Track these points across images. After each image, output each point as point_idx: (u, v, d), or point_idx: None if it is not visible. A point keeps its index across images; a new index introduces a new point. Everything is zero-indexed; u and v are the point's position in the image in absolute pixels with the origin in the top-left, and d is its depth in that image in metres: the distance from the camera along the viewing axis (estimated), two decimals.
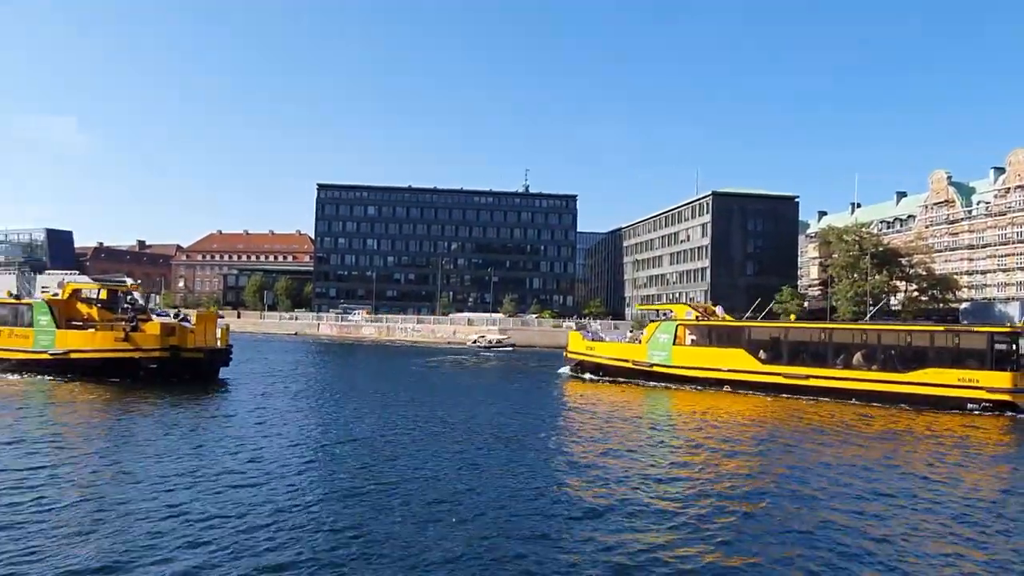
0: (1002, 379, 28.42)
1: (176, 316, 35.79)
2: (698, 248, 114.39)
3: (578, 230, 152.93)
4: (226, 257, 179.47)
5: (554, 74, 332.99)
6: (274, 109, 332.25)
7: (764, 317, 43.09)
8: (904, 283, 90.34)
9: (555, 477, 15.77)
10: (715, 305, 44.17)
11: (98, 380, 30.96)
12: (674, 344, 38.08)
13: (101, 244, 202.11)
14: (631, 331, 45.07)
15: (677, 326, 38.74)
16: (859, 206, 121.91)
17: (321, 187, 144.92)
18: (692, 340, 38.26)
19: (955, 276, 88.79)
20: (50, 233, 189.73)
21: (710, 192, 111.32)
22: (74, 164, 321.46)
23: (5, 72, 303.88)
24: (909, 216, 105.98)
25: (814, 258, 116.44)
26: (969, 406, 28.64)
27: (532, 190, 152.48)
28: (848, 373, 32.29)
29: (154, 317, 36.37)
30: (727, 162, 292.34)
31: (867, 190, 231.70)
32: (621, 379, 39.66)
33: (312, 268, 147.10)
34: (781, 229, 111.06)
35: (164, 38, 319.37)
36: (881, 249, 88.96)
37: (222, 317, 41.00)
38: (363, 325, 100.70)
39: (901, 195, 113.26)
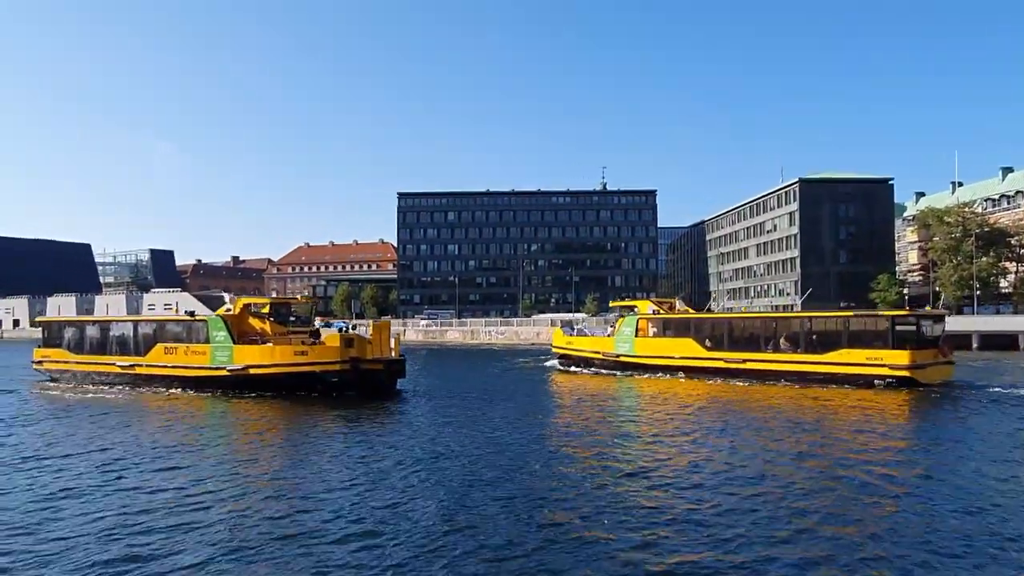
0: (902, 357, 31.31)
1: (349, 327, 34.90)
2: (786, 238, 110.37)
3: (659, 225, 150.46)
4: (314, 268, 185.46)
5: (630, 73, 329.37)
6: (352, 123, 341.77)
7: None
8: (1014, 264, 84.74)
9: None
10: (677, 297, 47.54)
11: (277, 395, 30.26)
12: (636, 336, 41.56)
13: (199, 261, 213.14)
14: (611, 326, 46.33)
15: (638, 320, 41.96)
16: (960, 184, 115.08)
17: (401, 196, 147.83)
18: (654, 332, 41.46)
19: None
20: (154, 253, 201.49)
21: (796, 179, 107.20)
22: (174, 186, 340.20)
23: (113, 98, 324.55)
24: (1017, 192, 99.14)
25: (913, 242, 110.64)
26: (876, 382, 31.67)
27: (610, 187, 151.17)
28: (777, 356, 35.41)
29: (324, 330, 35.93)
30: (814, 147, 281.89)
31: (968, 167, 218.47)
32: (598, 370, 42.98)
33: (396, 275, 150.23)
34: (875, 214, 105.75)
35: (249, 65, 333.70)
36: (987, 229, 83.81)
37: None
38: (448, 330, 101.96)
39: (1007, 171, 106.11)
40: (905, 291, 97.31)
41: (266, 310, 33.68)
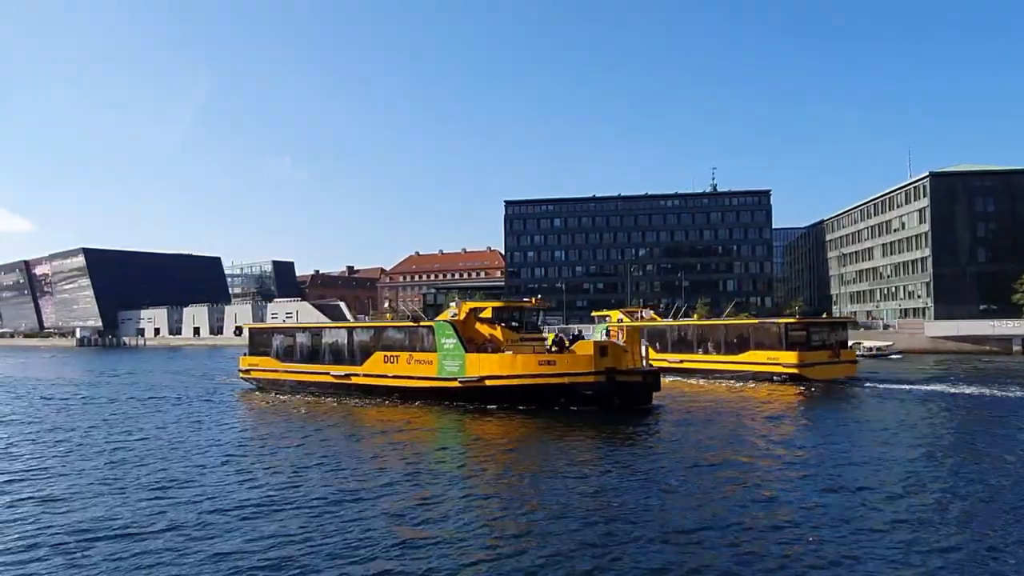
0: (792, 357, 37.69)
1: (579, 334, 32.84)
2: (915, 236, 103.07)
3: (774, 226, 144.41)
4: (424, 277, 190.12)
5: (738, 72, 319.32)
6: (459, 133, 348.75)
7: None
8: None
9: None
10: (654, 308, 54.35)
11: (515, 409, 27.18)
12: None
13: (317, 272, 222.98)
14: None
15: (607, 328, 46.63)
16: None
17: (508, 204, 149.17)
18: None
19: None
20: (276, 265, 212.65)
21: (927, 173, 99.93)
22: (291, 199, 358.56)
23: (246, 120, 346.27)
24: None
25: None
26: (774, 378, 38.11)
27: (720, 188, 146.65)
28: (704, 357, 42.48)
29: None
30: (941, 139, 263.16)
31: None
32: None
33: (504, 283, 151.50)
34: (1018, 208, 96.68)
35: (356, 76, 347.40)
36: None
37: None
38: None
39: None
40: None
41: (488, 314, 30.64)
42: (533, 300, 33.23)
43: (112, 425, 25.85)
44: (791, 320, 42.01)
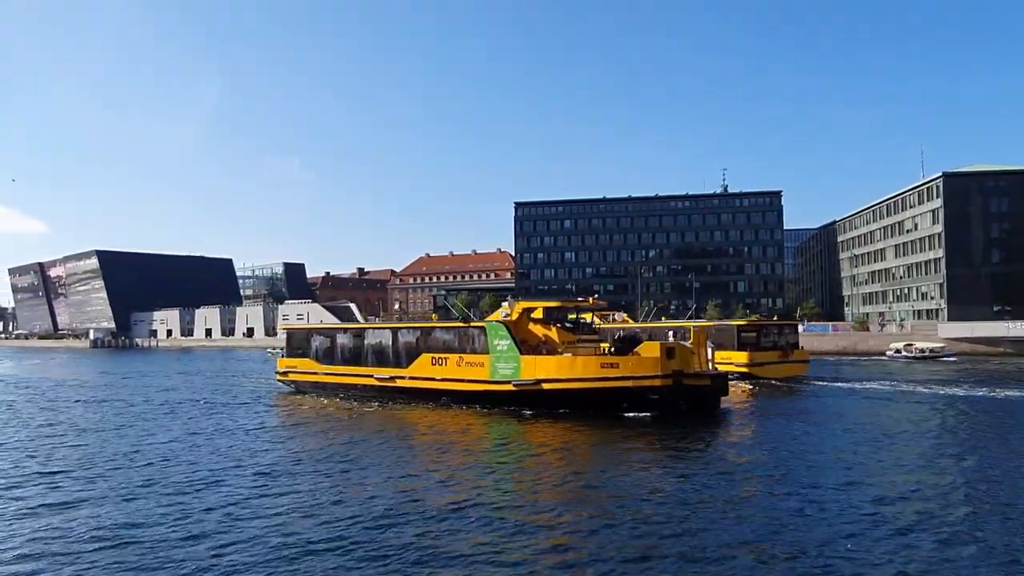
0: (743, 357, 40.82)
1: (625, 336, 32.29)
2: (928, 237, 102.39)
3: (785, 227, 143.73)
4: (434, 278, 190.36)
5: (747, 73, 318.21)
6: (468, 134, 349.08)
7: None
8: None
9: None
10: (622, 311, 55.75)
11: (574, 414, 26.04)
12: None
13: (328, 273, 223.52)
14: None
15: None
16: None
17: (518, 205, 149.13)
18: None
19: None
20: (287, 267, 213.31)
21: (940, 173, 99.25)
22: (301, 200, 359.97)
23: (255, 122, 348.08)
24: None
25: None
26: (730, 376, 36.27)
27: (731, 189, 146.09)
28: None
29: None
30: (948, 138, 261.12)
31: None
32: None
33: (513, 284, 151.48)
34: None
35: (359, 75, 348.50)
36: None
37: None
38: None
39: None
40: None
41: (539, 315, 29.67)
42: (591, 299, 31.70)
43: (151, 431, 24.95)
44: (742, 322, 45.25)
